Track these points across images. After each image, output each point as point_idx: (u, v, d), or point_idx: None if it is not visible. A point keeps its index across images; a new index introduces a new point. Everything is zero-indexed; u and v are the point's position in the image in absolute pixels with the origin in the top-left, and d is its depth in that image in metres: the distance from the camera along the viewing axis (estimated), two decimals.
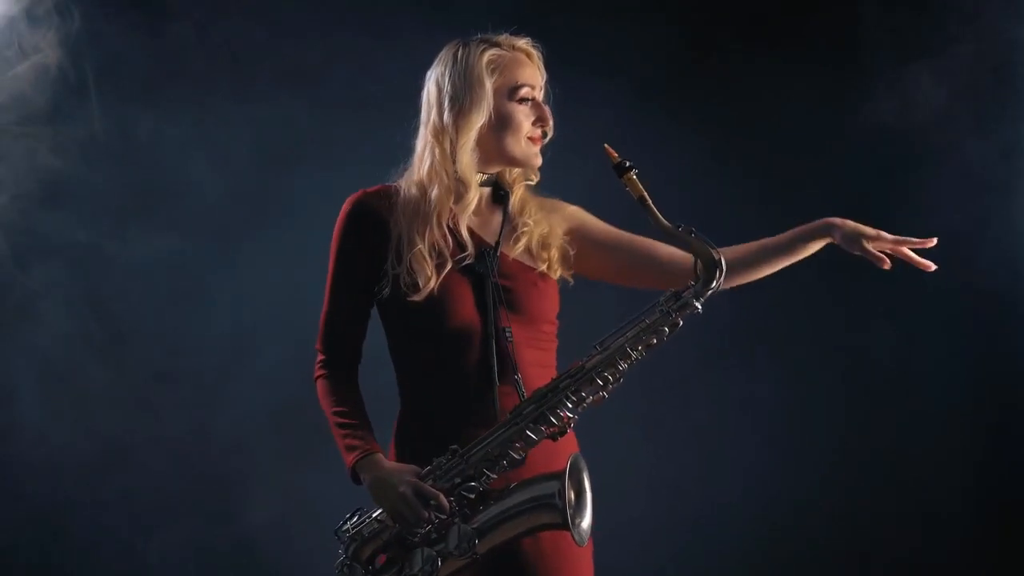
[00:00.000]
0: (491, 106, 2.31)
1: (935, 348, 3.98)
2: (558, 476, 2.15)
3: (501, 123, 2.32)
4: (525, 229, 2.37)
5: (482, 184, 2.37)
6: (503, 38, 2.37)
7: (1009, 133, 3.85)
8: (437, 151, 2.33)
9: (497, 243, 2.34)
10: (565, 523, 2.13)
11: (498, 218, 2.39)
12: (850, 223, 2.33)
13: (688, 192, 3.81)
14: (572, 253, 2.40)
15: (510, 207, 2.39)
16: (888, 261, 2.31)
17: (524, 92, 2.33)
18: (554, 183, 2.47)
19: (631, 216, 2.34)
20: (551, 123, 2.37)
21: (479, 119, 2.31)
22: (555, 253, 2.38)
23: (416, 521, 2.17)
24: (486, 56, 2.32)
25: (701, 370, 3.91)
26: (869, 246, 2.30)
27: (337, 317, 2.37)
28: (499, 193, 2.41)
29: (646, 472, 3.88)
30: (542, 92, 2.39)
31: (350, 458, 2.27)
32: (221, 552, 3.85)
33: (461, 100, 2.31)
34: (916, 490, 3.96)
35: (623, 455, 3.73)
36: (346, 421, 2.30)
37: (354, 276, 2.34)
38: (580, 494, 2.19)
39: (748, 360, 3.99)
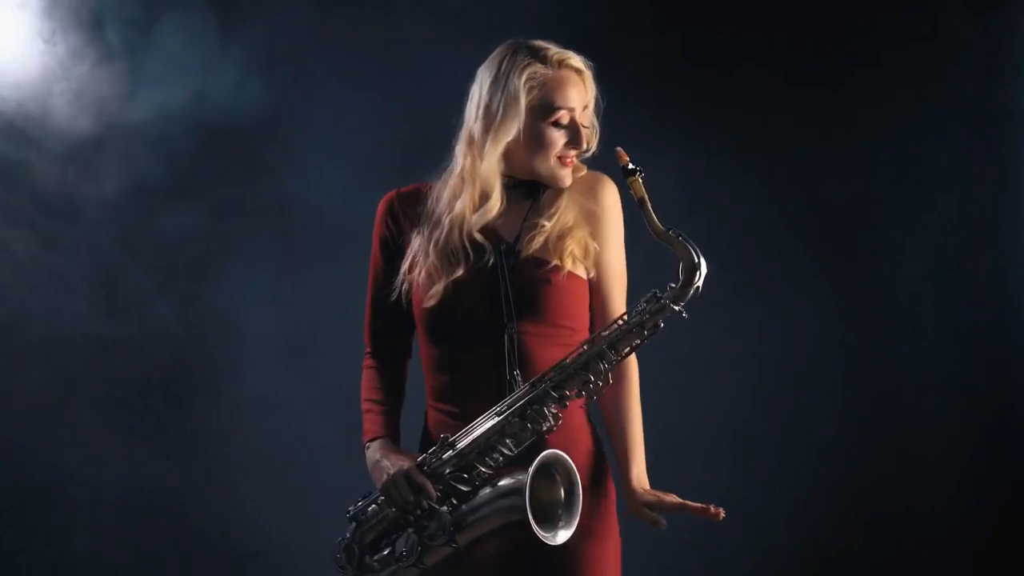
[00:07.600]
0: (523, 124, 2.29)
1: (933, 346, 4.01)
2: (526, 471, 2.12)
3: (531, 142, 2.30)
4: (546, 223, 2.32)
5: (508, 186, 2.35)
6: (552, 52, 2.31)
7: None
8: (468, 159, 2.34)
9: (516, 240, 2.33)
10: (527, 521, 2.10)
11: (523, 213, 2.36)
12: (642, 498, 2.29)
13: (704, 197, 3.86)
14: (593, 245, 2.33)
15: (540, 199, 2.36)
16: (663, 522, 2.28)
17: (560, 116, 2.30)
18: None
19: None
20: (586, 144, 2.32)
21: (509, 135, 2.30)
22: (571, 244, 2.30)
23: (402, 504, 2.22)
24: (526, 72, 2.28)
25: (697, 367, 3.92)
26: (647, 511, 2.28)
27: (373, 314, 2.44)
28: (531, 187, 2.37)
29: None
30: (588, 111, 2.33)
31: (363, 442, 2.36)
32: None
33: (495, 113, 2.29)
34: (913, 491, 3.99)
35: None
36: (369, 408, 2.40)
37: (384, 275, 2.40)
38: (571, 492, 2.16)
39: (745, 355, 4.01)
